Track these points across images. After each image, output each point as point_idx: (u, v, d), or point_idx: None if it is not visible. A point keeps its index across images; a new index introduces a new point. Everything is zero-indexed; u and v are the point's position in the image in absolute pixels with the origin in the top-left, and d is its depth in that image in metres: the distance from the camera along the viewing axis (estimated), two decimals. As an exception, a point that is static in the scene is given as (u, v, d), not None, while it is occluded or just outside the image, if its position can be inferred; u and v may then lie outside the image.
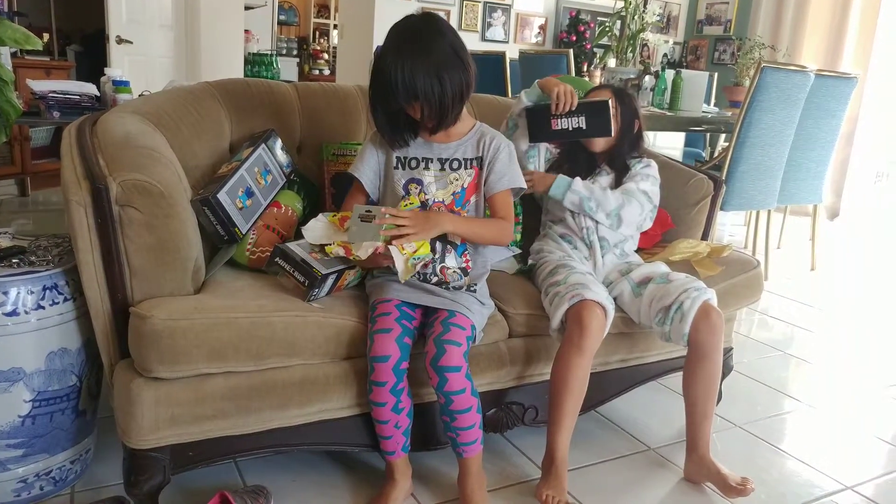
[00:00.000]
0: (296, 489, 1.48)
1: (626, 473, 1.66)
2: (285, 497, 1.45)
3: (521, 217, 1.90)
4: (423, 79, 1.33)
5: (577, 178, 1.69)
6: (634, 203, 1.68)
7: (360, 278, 1.54)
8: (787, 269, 3.67)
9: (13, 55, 3.34)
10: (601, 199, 1.66)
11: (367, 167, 1.51)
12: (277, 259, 1.39)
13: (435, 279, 1.41)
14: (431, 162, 1.48)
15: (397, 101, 1.37)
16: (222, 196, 1.42)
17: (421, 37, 1.36)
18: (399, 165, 1.49)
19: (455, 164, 1.49)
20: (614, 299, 1.63)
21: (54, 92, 2.59)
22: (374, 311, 1.37)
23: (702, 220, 2.00)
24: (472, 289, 1.47)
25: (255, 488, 1.40)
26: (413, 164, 1.49)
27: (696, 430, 1.60)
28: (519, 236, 1.89)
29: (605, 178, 1.73)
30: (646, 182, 1.73)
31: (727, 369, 2.00)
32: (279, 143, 1.69)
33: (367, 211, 1.34)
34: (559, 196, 1.68)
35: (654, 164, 1.79)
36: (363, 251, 1.32)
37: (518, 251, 1.84)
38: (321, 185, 1.79)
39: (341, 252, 1.36)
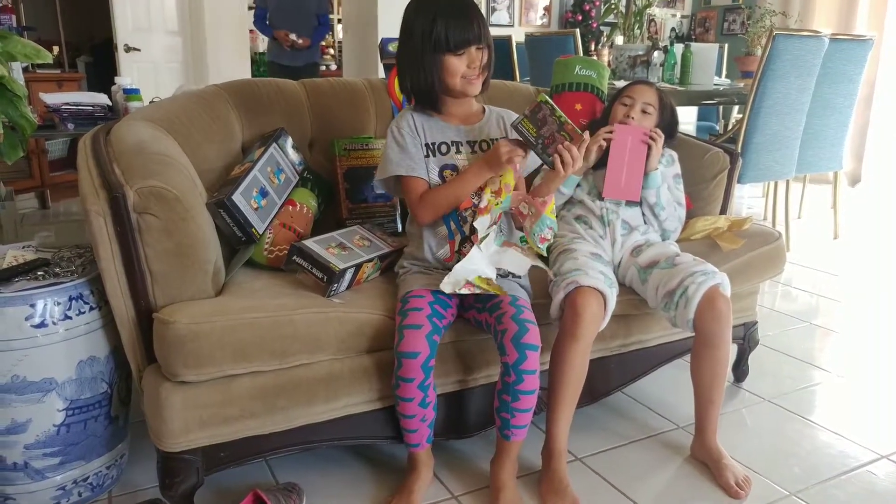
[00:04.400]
0: (326, 485, 1.50)
1: (656, 452, 1.65)
2: (317, 493, 1.46)
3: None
4: (486, 24, 1.40)
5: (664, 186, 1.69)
6: (678, 222, 1.73)
7: (379, 271, 1.55)
8: (810, 239, 3.62)
9: (25, 70, 3.38)
10: (671, 215, 1.69)
11: (417, 160, 1.45)
12: (295, 257, 1.40)
13: None
14: (461, 145, 1.47)
15: (464, 44, 1.37)
16: (237, 197, 1.42)
17: None
18: (429, 153, 1.47)
19: (484, 146, 1.48)
20: (625, 283, 1.62)
21: (67, 104, 2.61)
22: (405, 304, 1.36)
23: (719, 195, 1.97)
24: (516, 277, 1.48)
25: (288, 486, 1.42)
26: (444, 149, 1.47)
27: (702, 416, 1.58)
28: None
29: None
30: (679, 187, 1.75)
31: (753, 343, 1.98)
32: (290, 141, 1.70)
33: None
34: (655, 186, 1.65)
35: (676, 156, 1.78)
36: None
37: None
38: (334, 180, 1.80)
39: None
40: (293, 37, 4.39)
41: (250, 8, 5.25)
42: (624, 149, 1.61)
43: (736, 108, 4.49)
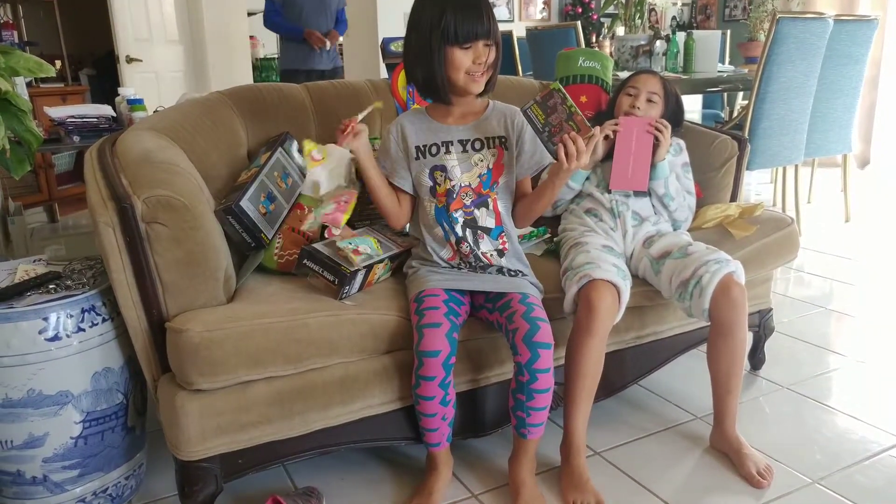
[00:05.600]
0: (345, 487, 1.49)
1: (675, 444, 1.64)
2: (336, 496, 1.46)
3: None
4: (496, 21, 1.38)
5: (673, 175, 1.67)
6: (689, 211, 1.72)
7: (390, 272, 1.54)
8: (821, 223, 3.59)
9: (28, 84, 3.40)
10: (681, 204, 1.68)
11: (397, 163, 1.48)
12: (305, 261, 1.39)
13: (480, 265, 1.43)
14: (452, 145, 1.46)
15: (472, 38, 1.34)
16: (245, 203, 1.42)
17: None
18: (420, 155, 1.47)
19: (477, 145, 1.47)
20: (638, 274, 1.61)
21: (72, 117, 2.62)
22: (420, 303, 1.36)
23: (729, 182, 1.96)
24: (524, 274, 1.47)
25: (307, 490, 1.42)
26: (433, 150, 1.46)
27: (720, 405, 1.57)
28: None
29: None
30: (688, 175, 1.73)
31: (768, 331, 1.96)
32: (295, 144, 1.70)
33: None
34: (663, 176, 1.63)
35: (683, 145, 1.77)
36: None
37: (547, 235, 1.82)
38: (341, 183, 1.79)
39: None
40: (328, 39, 3.79)
41: (250, 14, 5.24)
42: (630, 139, 1.60)
43: (741, 94, 4.45)
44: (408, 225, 1.68)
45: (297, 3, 3.81)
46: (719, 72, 3.60)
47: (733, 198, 1.98)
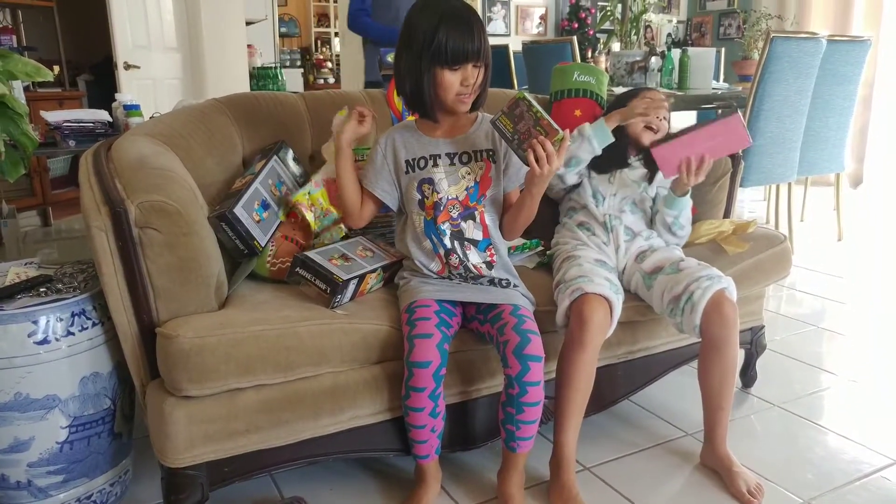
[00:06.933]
0: (333, 498, 1.48)
1: (666, 460, 1.63)
2: (324, 506, 1.45)
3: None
4: (487, 42, 1.38)
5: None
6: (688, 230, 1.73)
7: (382, 281, 1.54)
8: (813, 242, 3.61)
9: (26, 89, 3.40)
10: (685, 225, 1.68)
11: (381, 179, 1.49)
12: (298, 269, 1.39)
13: (471, 275, 1.43)
14: (440, 158, 1.46)
15: (462, 60, 1.34)
16: (239, 210, 1.42)
17: (469, 9, 1.39)
18: (409, 169, 1.47)
19: (465, 158, 1.47)
20: (630, 289, 1.61)
21: (68, 121, 2.62)
22: (412, 314, 1.35)
23: (723, 199, 1.97)
24: (515, 285, 1.47)
25: (293, 500, 1.41)
26: (421, 164, 1.47)
27: (711, 422, 1.56)
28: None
29: (637, 172, 1.71)
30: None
31: (760, 348, 1.97)
32: (291, 153, 1.70)
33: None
34: (680, 208, 1.63)
35: None
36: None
37: (540, 248, 1.82)
38: (336, 192, 1.79)
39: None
40: None
41: (248, 23, 5.26)
42: (719, 138, 1.57)
43: (735, 112, 4.48)
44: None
45: (392, 1, 3.04)
46: (714, 89, 3.63)
47: (727, 214, 1.99)
